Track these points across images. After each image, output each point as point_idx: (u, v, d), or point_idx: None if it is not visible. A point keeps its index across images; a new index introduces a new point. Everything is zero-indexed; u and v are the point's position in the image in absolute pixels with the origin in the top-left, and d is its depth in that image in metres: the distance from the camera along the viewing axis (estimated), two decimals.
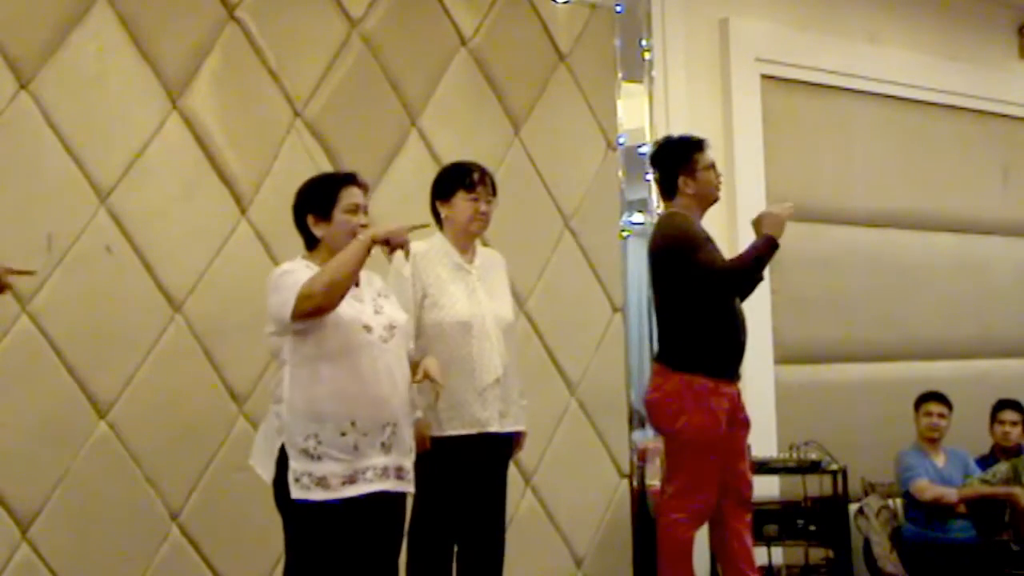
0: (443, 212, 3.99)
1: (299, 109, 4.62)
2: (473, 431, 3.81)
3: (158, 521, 4.21)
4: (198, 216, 4.38)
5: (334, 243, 3.40)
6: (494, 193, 4.03)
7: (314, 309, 3.24)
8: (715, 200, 4.37)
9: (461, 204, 3.95)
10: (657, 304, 4.37)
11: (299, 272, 3.31)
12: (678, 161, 4.33)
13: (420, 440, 3.60)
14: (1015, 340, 7.06)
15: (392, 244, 3.32)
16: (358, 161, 4.35)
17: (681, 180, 4.30)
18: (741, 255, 4.23)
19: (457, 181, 3.98)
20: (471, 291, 3.93)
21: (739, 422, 4.28)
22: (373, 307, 3.42)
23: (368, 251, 3.28)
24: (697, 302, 4.17)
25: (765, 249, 4.15)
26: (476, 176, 3.97)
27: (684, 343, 4.21)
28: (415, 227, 3.44)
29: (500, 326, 3.95)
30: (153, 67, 4.31)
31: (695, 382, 4.13)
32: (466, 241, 4.00)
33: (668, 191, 4.37)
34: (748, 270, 4.17)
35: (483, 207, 3.97)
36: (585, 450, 5.28)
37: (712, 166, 4.33)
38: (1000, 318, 7.02)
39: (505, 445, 3.98)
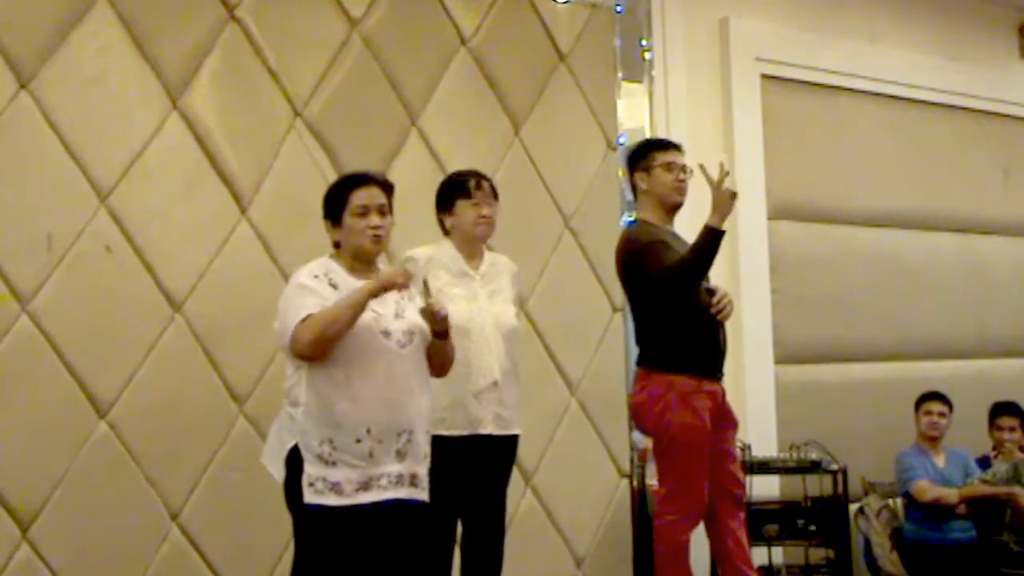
0: (447, 223, 4.05)
1: (299, 109, 4.62)
2: (465, 432, 3.85)
3: (158, 521, 4.21)
4: (198, 216, 4.38)
5: (348, 246, 3.42)
6: (495, 197, 4.08)
7: (302, 357, 3.28)
8: (675, 203, 4.26)
9: (463, 211, 4.02)
10: (632, 308, 4.36)
11: (313, 294, 3.28)
12: (637, 157, 4.33)
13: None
14: (1015, 340, 7.06)
15: (399, 287, 3.34)
16: (358, 161, 4.35)
17: (637, 176, 4.28)
18: (687, 252, 4.14)
19: (455, 191, 4.05)
20: (473, 296, 3.97)
21: (726, 422, 4.27)
22: (395, 310, 3.40)
23: (365, 304, 3.26)
24: (670, 303, 4.16)
25: (706, 242, 4.03)
26: (472, 183, 4.04)
27: (662, 345, 4.20)
28: (406, 272, 3.46)
29: (501, 331, 3.98)
30: (153, 67, 4.32)
31: (677, 382, 4.12)
32: (473, 247, 4.05)
33: (633, 191, 4.38)
34: (691, 265, 4.09)
35: (485, 211, 4.03)
36: (585, 450, 5.28)
37: (672, 166, 4.24)
38: (1000, 318, 7.02)
39: (501, 448, 4.01)
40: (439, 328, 3.45)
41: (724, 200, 4.00)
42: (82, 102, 4.17)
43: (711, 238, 4.02)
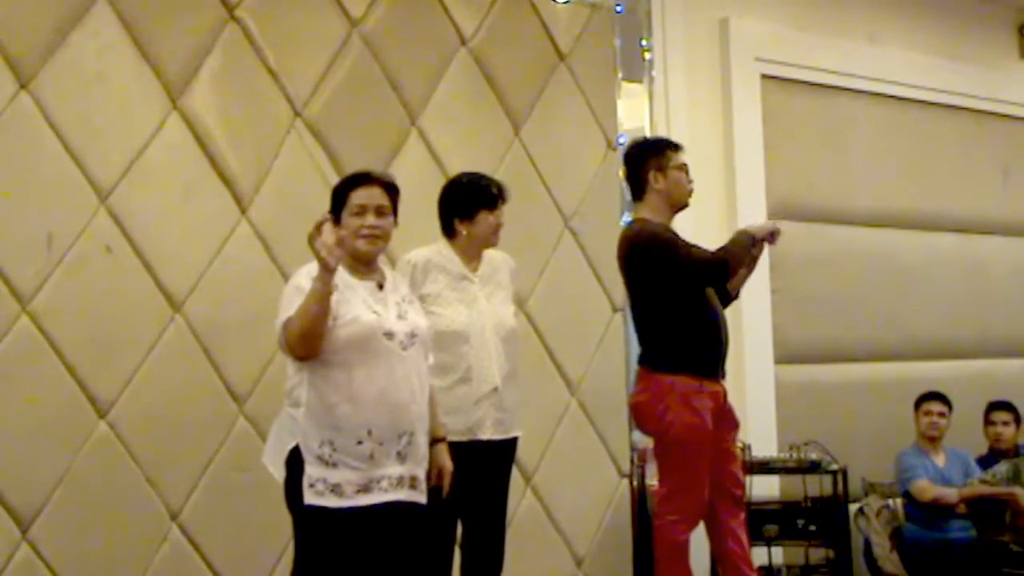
0: (462, 229, 3.99)
1: (299, 109, 4.63)
2: (465, 438, 3.83)
3: (158, 521, 4.21)
4: (198, 216, 4.38)
5: (345, 245, 3.37)
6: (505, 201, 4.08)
7: (297, 359, 3.26)
8: (684, 205, 4.31)
9: (483, 221, 3.98)
10: (634, 307, 4.36)
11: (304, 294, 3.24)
12: (651, 155, 4.30)
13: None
14: (1014, 340, 7.06)
15: (337, 256, 3.19)
16: (358, 161, 4.34)
17: (651, 175, 4.25)
18: (721, 247, 4.23)
19: (479, 201, 3.99)
20: (472, 300, 3.94)
21: (727, 422, 4.27)
22: (397, 312, 3.39)
23: (327, 285, 3.16)
24: (674, 303, 4.17)
25: (739, 240, 4.17)
26: (497, 193, 4.01)
27: (664, 344, 4.20)
28: (321, 222, 3.22)
29: (500, 334, 3.96)
30: (153, 67, 4.32)
31: (678, 382, 4.13)
32: (478, 253, 4.03)
33: (637, 189, 4.33)
34: (723, 260, 4.16)
35: (502, 220, 4.02)
36: (585, 450, 5.28)
37: (685, 168, 4.28)
38: (1000, 318, 7.02)
39: (501, 451, 4.00)
40: None
41: (767, 228, 4.23)
42: (82, 102, 4.17)
43: (745, 243, 4.14)
